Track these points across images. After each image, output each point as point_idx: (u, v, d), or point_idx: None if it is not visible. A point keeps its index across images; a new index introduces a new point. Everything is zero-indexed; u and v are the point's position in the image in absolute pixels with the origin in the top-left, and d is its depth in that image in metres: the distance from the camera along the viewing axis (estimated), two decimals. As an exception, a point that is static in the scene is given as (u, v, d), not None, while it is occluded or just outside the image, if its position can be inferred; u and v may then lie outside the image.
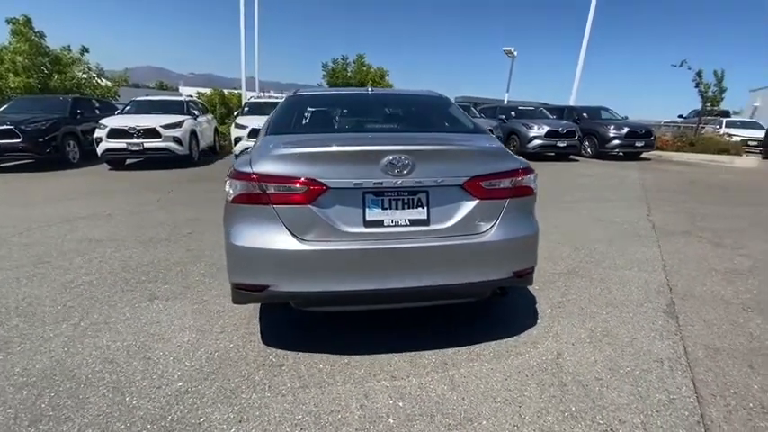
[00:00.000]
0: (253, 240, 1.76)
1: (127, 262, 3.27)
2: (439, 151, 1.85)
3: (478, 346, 2.15)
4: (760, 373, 1.96)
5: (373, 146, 1.77)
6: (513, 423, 1.61)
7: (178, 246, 3.67)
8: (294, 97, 2.64)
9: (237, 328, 2.29)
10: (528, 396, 1.77)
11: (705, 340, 2.24)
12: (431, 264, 1.82)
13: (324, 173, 1.72)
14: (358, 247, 1.75)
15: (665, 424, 1.62)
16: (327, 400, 1.72)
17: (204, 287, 2.82)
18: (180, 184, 6.82)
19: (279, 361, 1.99)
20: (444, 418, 1.64)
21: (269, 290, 1.79)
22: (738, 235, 4.24)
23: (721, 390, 1.83)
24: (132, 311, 2.47)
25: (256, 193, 1.75)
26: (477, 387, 1.82)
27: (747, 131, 14.13)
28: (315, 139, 1.99)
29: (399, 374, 1.91)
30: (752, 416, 1.67)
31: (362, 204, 1.78)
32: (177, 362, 1.98)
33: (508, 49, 20.39)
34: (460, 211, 1.84)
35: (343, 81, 15.04)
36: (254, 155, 1.84)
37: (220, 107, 13.38)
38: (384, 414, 1.65)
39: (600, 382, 1.87)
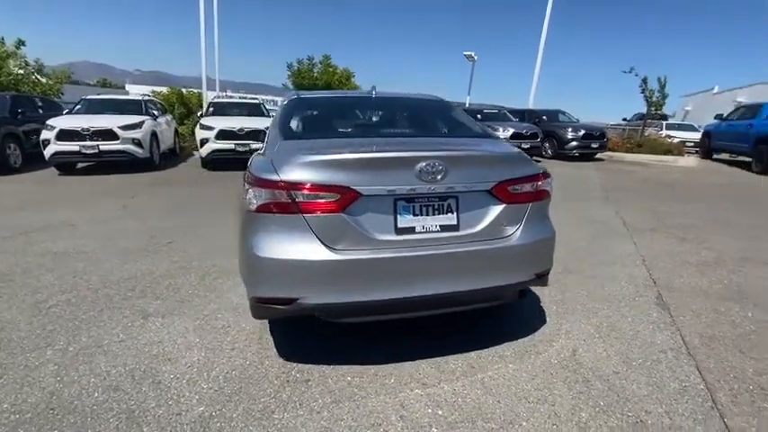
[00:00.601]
0: (281, 251, 1.67)
1: (106, 277, 2.99)
2: (470, 156, 1.86)
3: (499, 347, 2.18)
4: (750, 357, 2.14)
5: (408, 152, 1.75)
6: (551, 422, 1.65)
7: (160, 257, 3.42)
8: (297, 100, 2.55)
9: (250, 343, 2.17)
10: (557, 394, 1.82)
11: (697, 329, 2.42)
12: (461, 269, 1.83)
13: (357, 180, 1.67)
14: (390, 255, 1.71)
15: (686, 411, 1.73)
16: (364, 414, 1.68)
17: (201, 301, 2.64)
18: (143, 189, 6.36)
19: (303, 376, 1.91)
20: (485, 422, 1.65)
21: (297, 302, 1.71)
22: (698, 230, 4.63)
23: (723, 375, 1.98)
24: (126, 332, 2.26)
25: (284, 202, 1.66)
26: (509, 389, 1.85)
27: (685, 133, 15.56)
28: (342, 144, 1.93)
29: (430, 381, 1.89)
30: (754, 398, 1.83)
31: (394, 211, 1.74)
32: (192, 384, 1.84)
33: (469, 54, 21.01)
34: (488, 215, 1.86)
35: (309, 82, 14.76)
36: (276, 161, 1.74)
37: (179, 107, 12.65)
38: (426, 423, 1.63)
39: (618, 375, 1.97)
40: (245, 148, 8.23)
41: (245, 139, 8.22)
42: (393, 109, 2.78)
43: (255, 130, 8.28)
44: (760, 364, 2.08)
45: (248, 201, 1.75)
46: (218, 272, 3.12)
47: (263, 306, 1.77)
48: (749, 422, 1.67)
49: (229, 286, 2.86)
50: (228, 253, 3.49)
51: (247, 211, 1.76)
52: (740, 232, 4.59)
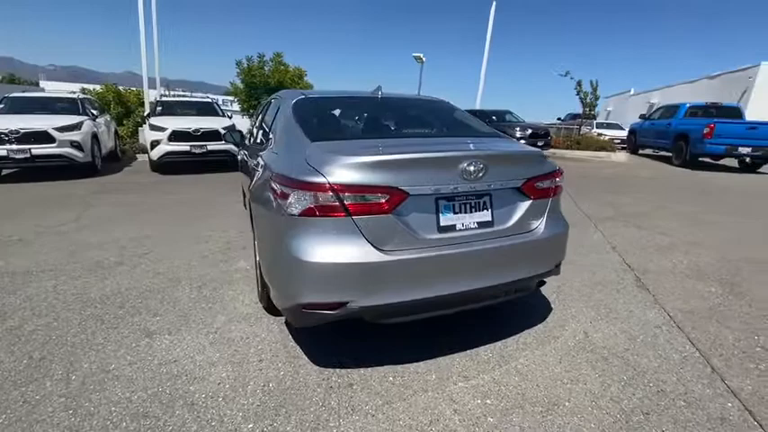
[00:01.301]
0: (330, 255, 1.63)
1: (84, 295, 2.69)
2: (505, 155, 1.94)
3: (520, 336, 2.30)
4: (726, 326, 2.47)
5: (452, 151, 1.79)
6: (589, 399, 1.79)
7: (141, 270, 3.14)
8: (305, 100, 2.47)
9: (276, 353, 2.09)
10: (585, 373, 1.98)
11: (677, 305, 2.73)
12: (497, 263, 1.91)
13: (404, 180, 1.68)
14: (435, 254, 1.75)
15: (693, 377, 1.96)
16: (419, 412, 1.69)
17: (206, 314, 2.48)
18: (92, 198, 5.74)
19: (345, 381, 1.88)
20: (533, 407, 1.74)
21: (347, 306, 1.68)
22: (648, 218, 5.19)
23: (711, 344, 2.27)
24: (133, 353, 2.06)
25: (333, 205, 1.62)
26: (542, 373, 1.97)
27: (613, 131, 17.23)
28: (384, 145, 1.92)
29: (469, 374, 1.96)
30: (741, 360, 2.12)
31: (436, 210, 1.78)
32: (230, 402, 1.73)
33: (417, 55, 21.51)
34: (518, 211, 1.97)
35: (260, 80, 14.15)
36: (317, 163, 1.69)
37: (116, 106, 11.51)
38: (480, 414, 1.69)
39: (628, 351, 2.18)
40: (202, 150, 7.78)
41: (201, 140, 7.75)
42: (405, 110, 2.80)
43: (212, 131, 7.87)
44: (735, 332, 2.40)
45: (289, 205, 1.68)
46: (214, 281, 2.93)
47: (309, 313, 1.72)
48: (744, 381, 1.94)
49: (232, 296, 2.71)
50: (217, 261, 3.31)
51: (287, 216, 1.69)
52: (681, 218, 5.22)
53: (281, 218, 1.75)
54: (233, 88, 15.82)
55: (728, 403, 1.79)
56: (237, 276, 3.05)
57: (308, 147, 1.86)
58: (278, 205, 1.79)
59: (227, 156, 8.13)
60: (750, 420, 1.69)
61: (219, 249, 3.64)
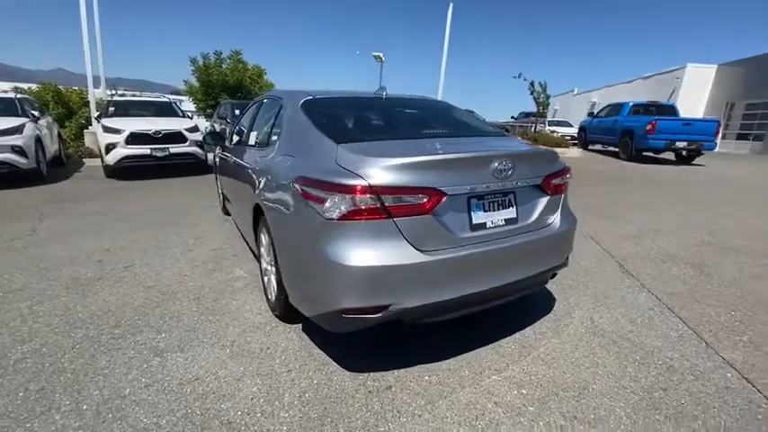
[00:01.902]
0: (372, 258, 1.61)
1: (70, 315, 2.45)
2: (528, 154, 2.01)
3: (534, 326, 2.41)
4: (707, 304, 2.74)
5: (485, 151, 1.83)
6: (613, 380, 1.91)
7: (127, 284, 2.91)
8: (314, 101, 2.40)
9: (304, 362, 2.03)
10: (602, 357, 2.11)
11: (660, 288, 2.99)
12: (523, 258, 1.98)
13: (442, 180, 1.69)
14: (470, 252, 1.78)
15: (693, 353, 2.16)
16: (463, 408, 1.72)
17: (215, 326, 2.35)
18: (45, 207, 5.20)
19: (382, 384, 1.87)
20: (565, 392, 1.83)
21: (389, 309, 1.67)
22: (612, 209, 5.60)
23: (698, 321, 2.51)
24: (147, 375, 1.91)
25: (374, 207, 1.60)
26: (565, 360, 2.08)
27: (564, 129, 18.36)
28: (413, 146, 1.91)
29: (499, 366, 2.02)
30: (727, 334, 2.36)
31: (468, 209, 1.81)
32: (270, 416, 1.66)
33: (377, 54, 21.58)
34: (538, 207, 2.05)
35: (218, 79, 13.48)
36: (352, 165, 1.66)
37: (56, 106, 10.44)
38: (520, 404, 1.75)
39: (633, 333, 2.35)
40: (164, 153, 7.31)
41: (162, 142, 7.28)
42: (414, 110, 2.80)
43: (174, 133, 7.44)
44: (715, 308, 2.67)
45: (325, 210, 1.64)
46: (213, 292, 2.78)
47: (349, 318, 1.69)
48: (735, 353, 2.16)
49: (237, 306, 2.59)
50: (210, 271, 3.15)
51: (324, 221, 1.65)
52: (639, 208, 5.68)
53: (314, 222, 1.70)
54: (187, 87, 14.97)
55: (728, 374, 1.99)
56: (237, 286, 2.91)
57: (336, 149, 1.82)
58: (309, 210, 1.74)
59: (192, 159, 7.72)
60: (749, 387, 1.89)
61: (209, 258, 3.45)
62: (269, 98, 3.13)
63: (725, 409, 1.74)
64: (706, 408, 1.75)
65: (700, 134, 10.78)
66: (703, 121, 11.34)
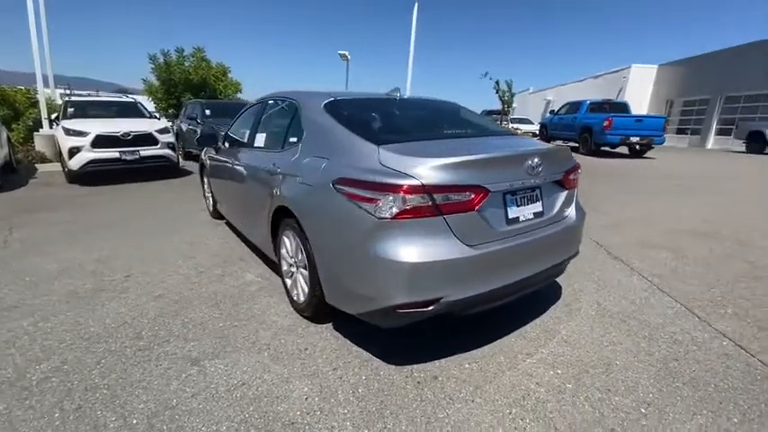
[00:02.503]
0: (427, 255, 1.68)
1: (83, 330, 2.32)
2: (553, 151, 2.16)
3: (550, 312, 2.58)
4: (690, 284, 3.05)
5: (521, 150, 1.94)
6: (631, 355, 2.11)
7: (134, 294, 2.78)
8: (337, 102, 2.41)
9: (346, 359, 2.06)
10: (616, 335, 2.31)
11: (648, 271, 3.28)
12: (548, 249, 2.13)
13: (486, 178, 1.80)
14: (509, 244, 1.90)
15: (690, 327, 2.41)
16: (509, 390, 1.84)
17: (245, 331, 2.32)
18: (13, 217, 4.78)
19: (427, 375, 1.95)
20: (594, 369, 2.00)
21: (440, 302, 1.75)
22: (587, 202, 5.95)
23: (687, 299, 2.79)
24: (190, 384, 1.87)
25: (426, 206, 1.68)
26: (586, 340, 2.26)
27: (526, 126, 19.24)
28: (455, 146, 1.98)
29: (530, 351, 2.16)
30: (714, 308, 2.65)
31: (504, 204, 1.93)
32: (331, 414, 1.69)
33: (343, 53, 21.47)
34: (558, 201, 2.21)
35: (182, 77, 12.83)
36: (401, 165, 1.72)
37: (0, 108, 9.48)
38: (559, 383, 1.90)
39: (637, 312, 2.58)
40: (134, 156, 6.93)
41: (132, 145, 6.90)
42: (432, 111, 2.87)
43: (145, 135, 7.08)
44: (698, 287, 2.98)
45: (377, 209, 1.69)
46: (230, 298, 2.73)
47: (402, 313, 1.75)
48: (724, 324, 2.44)
49: (260, 309, 2.57)
50: (219, 277, 3.08)
51: (376, 220, 1.70)
52: (611, 200, 6.12)
53: (364, 222, 1.74)
54: (146, 86, 14.14)
55: (723, 342, 2.26)
56: (252, 290, 2.87)
57: (377, 150, 1.86)
58: (356, 210, 1.78)
59: (164, 162, 7.37)
60: (744, 353, 2.15)
61: (213, 264, 3.36)
62: (276, 99, 3.09)
63: (729, 372, 1.98)
64: (714, 373, 1.98)
65: (650, 130, 11.72)
66: (653, 118, 12.34)
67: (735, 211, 5.45)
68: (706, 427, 1.64)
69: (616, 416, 1.69)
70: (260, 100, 3.40)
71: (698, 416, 1.70)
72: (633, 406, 1.75)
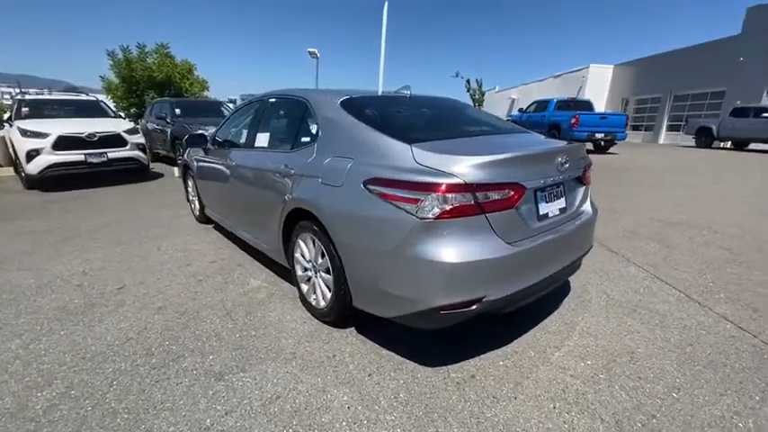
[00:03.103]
0: (469, 254, 1.66)
1: (83, 349, 2.12)
2: (576, 149, 2.19)
3: (564, 305, 2.64)
4: (682, 271, 3.23)
5: (553, 148, 1.96)
6: (650, 342, 2.20)
7: (133, 308, 2.59)
8: (354, 100, 2.34)
9: (379, 364, 2.01)
10: (631, 324, 2.40)
11: (642, 261, 3.45)
12: (573, 243, 2.18)
13: (522, 175, 1.80)
14: (543, 240, 1.92)
15: (694, 312, 2.55)
16: (548, 384, 1.86)
17: (265, 341, 2.21)
18: (-37, 228, 4.33)
19: (465, 374, 1.93)
20: (620, 357, 2.07)
21: (483, 301, 1.74)
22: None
23: (684, 285, 2.95)
24: (220, 402, 1.75)
25: (469, 204, 1.65)
26: (605, 331, 2.33)
27: (495, 124, 19.76)
28: (486, 144, 1.97)
29: (556, 344, 2.20)
30: (709, 293, 2.82)
31: (535, 201, 1.95)
32: (378, 422, 1.64)
33: (312, 50, 21.12)
34: (578, 197, 2.27)
35: (145, 74, 12.06)
36: (440, 164, 1.68)
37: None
38: (591, 373, 1.94)
39: (642, 301, 2.70)
40: (101, 158, 6.48)
41: (99, 146, 6.44)
42: (447, 109, 2.84)
43: (112, 135, 6.63)
44: (690, 274, 3.16)
45: (421, 209, 1.65)
46: (240, 306, 2.60)
47: (445, 314, 1.72)
48: (723, 307, 2.60)
49: (276, 317, 2.46)
50: (221, 285, 2.93)
51: (419, 221, 1.66)
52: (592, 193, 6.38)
53: (404, 223, 1.70)
54: (105, 84, 13.22)
55: (727, 325, 2.40)
56: (260, 297, 2.75)
57: (410, 149, 1.82)
58: (393, 211, 1.73)
59: (134, 164, 6.94)
60: (747, 335, 2.30)
61: (212, 271, 3.19)
62: (278, 98, 2.96)
63: (739, 353, 2.11)
64: (727, 355, 2.10)
65: (613, 126, 12.37)
66: (616, 115, 13.03)
67: (700, 201, 5.84)
68: (734, 406, 1.73)
69: (653, 402, 1.75)
70: (255, 99, 3.25)
71: (724, 396, 1.79)
72: (665, 392, 1.82)
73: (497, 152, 1.78)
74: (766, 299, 2.72)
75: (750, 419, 1.65)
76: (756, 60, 17.14)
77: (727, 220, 4.75)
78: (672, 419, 1.65)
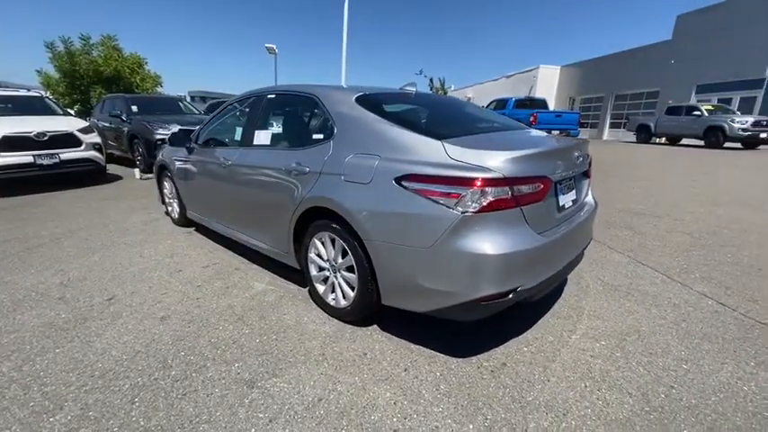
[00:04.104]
0: (509, 246, 1.72)
1: (89, 367, 1.95)
2: (584, 144, 2.32)
3: (566, 291, 2.80)
4: (658, 254, 3.53)
5: (573, 143, 2.07)
6: (651, 321, 2.39)
7: (132, 319, 2.41)
8: (370, 97, 2.31)
9: (411, 358, 2.03)
10: (629, 306, 2.59)
11: (622, 248, 3.72)
12: (584, 231, 2.32)
13: (549, 169, 1.89)
14: (563, 230, 2.02)
15: (678, 291, 2.81)
16: (572, 366, 1.97)
17: (288, 344, 2.15)
18: None
19: (496, 362, 2.00)
20: (629, 336, 2.24)
21: (517, 291, 1.81)
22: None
23: (663, 268, 3.24)
24: (260, 409, 1.68)
25: (506, 197, 1.71)
26: (609, 313, 2.50)
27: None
28: (507, 138, 2.03)
29: (570, 328, 2.33)
30: (685, 273, 3.11)
31: (555, 193, 2.05)
32: (427, 414, 1.66)
33: (270, 46, 20.50)
34: (584, 189, 2.41)
35: (90, 68, 11.00)
36: (474, 159, 1.73)
37: None
38: (608, 353, 2.08)
39: (633, 283, 2.93)
40: (53, 160, 5.91)
41: (50, 147, 5.86)
42: (452, 106, 2.88)
43: (64, 135, 6.08)
44: (666, 257, 3.47)
45: (462, 203, 1.69)
46: (250, 311, 2.50)
47: (485, 305, 1.78)
48: (700, 286, 2.89)
49: (293, 319, 2.40)
50: (223, 290, 2.82)
51: (460, 215, 1.69)
52: (558, 187, 6.78)
53: (444, 218, 1.72)
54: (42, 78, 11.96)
55: (709, 302, 2.66)
56: (271, 300, 2.66)
57: (441, 145, 1.84)
58: (431, 206, 1.75)
59: (91, 166, 6.40)
60: (728, 309, 2.57)
61: (208, 276, 3.04)
62: (280, 94, 2.86)
63: (726, 326, 2.36)
64: (715, 327, 2.34)
65: (567, 124, 13.19)
66: (569, 113, 13.90)
67: (653, 191, 6.40)
68: (735, 373, 1.94)
69: (668, 374, 1.91)
70: (249, 95, 3.12)
71: (725, 365, 2.00)
72: (676, 364, 2.00)
73: (526, 147, 1.86)
74: (732, 276, 3.05)
75: (752, 383, 1.86)
76: (685, 63, 18.99)
77: (681, 208, 5.24)
78: (688, 388, 1.82)
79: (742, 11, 16.63)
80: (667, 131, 15.85)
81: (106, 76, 11.16)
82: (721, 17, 17.47)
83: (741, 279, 3.01)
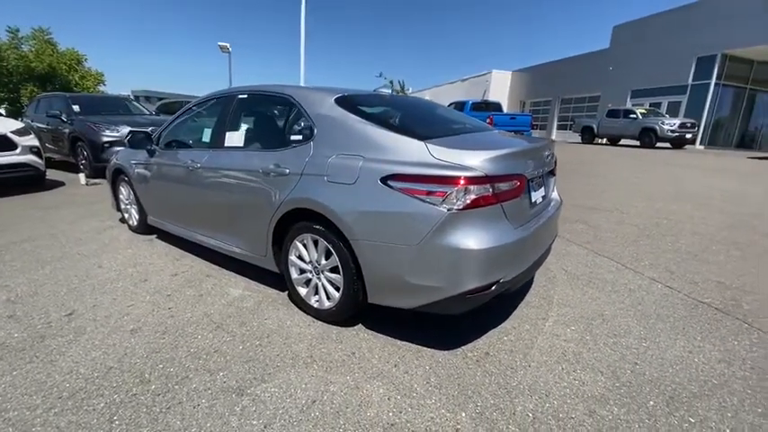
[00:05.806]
0: (492, 240, 1.82)
1: (55, 389, 1.80)
2: (552, 144, 2.48)
3: (536, 282, 2.98)
4: (611, 245, 3.84)
5: (543, 142, 2.20)
6: (613, 305, 2.61)
7: (98, 333, 2.25)
8: (349, 98, 2.32)
9: (400, 354, 2.07)
10: (592, 292, 2.81)
11: (581, 240, 4.01)
12: (550, 228, 2.47)
13: (524, 167, 2.01)
14: (536, 225, 2.16)
15: (631, 278, 3.08)
16: (548, 350, 2.11)
17: (276, 349, 2.11)
18: None
19: (479, 352, 2.09)
20: (594, 320, 2.42)
21: (500, 283, 1.91)
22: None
23: (617, 257, 3.53)
24: (253, 417, 1.65)
25: (488, 195, 1.81)
26: (575, 300, 2.68)
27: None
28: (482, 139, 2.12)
29: (543, 316, 2.48)
30: (636, 261, 3.41)
31: (528, 190, 2.18)
32: (420, 407, 1.71)
33: (223, 45, 19.76)
34: (550, 186, 2.58)
35: (20, 65, 9.91)
36: (456, 159, 1.81)
37: None
38: (578, 337, 2.24)
39: (593, 273, 3.17)
40: (-15, 165, 5.33)
41: (-21, 151, 5.28)
42: (426, 108, 2.93)
43: (-4, 137, 5.49)
44: (618, 247, 3.78)
45: (448, 201, 1.76)
46: (228, 318, 2.43)
47: (471, 298, 1.86)
48: (649, 272, 3.18)
49: (276, 323, 2.36)
50: (197, 298, 2.75)
51: (445, 212, 1.76)
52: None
53: (430, 216, 1.78)
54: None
55: (658, 285, 2.95)
56: (249, 305, 2.59)
57: (424, 145, 1.90)
58: (418, 205, 1.81)
59: (30, 171, 5.85)
60: (675, 292, 2.86)
61: (177, 285, 2.90)
62: (253, 94, 2.79)
63: (675, 307, 2.63)
64: (668, 307, 2.60)
65: (521, 126, 13.89)
66: (522, 116, 14.64)
67: (600, 188, 6.92)
68: (686, 347, 2.17)
69: (631, 352, 2.11)
70: (218, 95, 3.01)
71: (677, 340, 2.23)
72: (637, 343, 2.20)
73: (502, 147, 1.97)
74: (675, 262, 3.40)
75: (700, 355, 2.09)
76: (622, 70, 20.65)
77: (626, 202, 5.72)
78: (649, 363, 2.01)
79: (669, 24, 18.39)
80: (608, 133, 17.15)
81: (39, 73, 10.18)
82: (651, 29, 19.22)
83: (682, 264, 3.35)
